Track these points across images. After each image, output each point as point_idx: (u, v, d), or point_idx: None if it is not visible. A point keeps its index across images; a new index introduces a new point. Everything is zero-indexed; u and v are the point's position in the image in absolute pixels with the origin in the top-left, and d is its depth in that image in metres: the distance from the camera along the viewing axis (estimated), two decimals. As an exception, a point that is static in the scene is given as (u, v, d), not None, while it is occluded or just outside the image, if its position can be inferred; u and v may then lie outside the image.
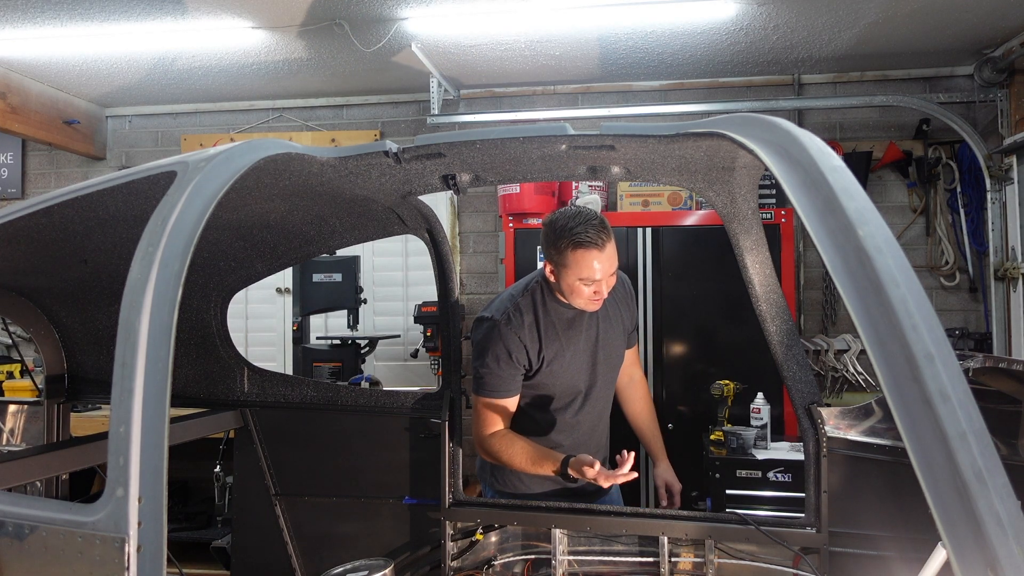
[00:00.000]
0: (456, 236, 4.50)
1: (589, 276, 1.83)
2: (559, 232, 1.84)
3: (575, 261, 1.82)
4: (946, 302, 4.08)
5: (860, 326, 0.80)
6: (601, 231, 1.82)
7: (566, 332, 2.00)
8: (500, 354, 1.92)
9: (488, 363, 1.93)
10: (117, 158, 4.85)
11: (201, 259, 2.09)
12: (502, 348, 1.92)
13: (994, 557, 0.66)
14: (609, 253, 1.84)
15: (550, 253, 1.89)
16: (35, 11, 3.18)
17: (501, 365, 1.93)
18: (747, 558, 1.83)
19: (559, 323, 1.99)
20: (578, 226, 1.81)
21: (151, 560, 0.90)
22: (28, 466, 1.85)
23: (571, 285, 1.87)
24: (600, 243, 1.81)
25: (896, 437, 1.71)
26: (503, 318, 1.94)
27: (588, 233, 1.80)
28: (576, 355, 2.02)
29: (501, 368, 1.93)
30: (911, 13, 3.27)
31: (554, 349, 1.98)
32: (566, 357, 2.00)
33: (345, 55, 3.78)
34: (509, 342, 1.92)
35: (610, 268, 1.86)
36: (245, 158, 1.19)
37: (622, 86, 4.36)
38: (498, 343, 1.92)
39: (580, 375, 2.04)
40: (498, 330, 1.93)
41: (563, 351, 1.99)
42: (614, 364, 2.15)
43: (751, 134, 1.12)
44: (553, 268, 1.91)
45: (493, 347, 1.93)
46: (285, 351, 4.52)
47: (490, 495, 2.18)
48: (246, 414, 2.33)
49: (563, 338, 1.99)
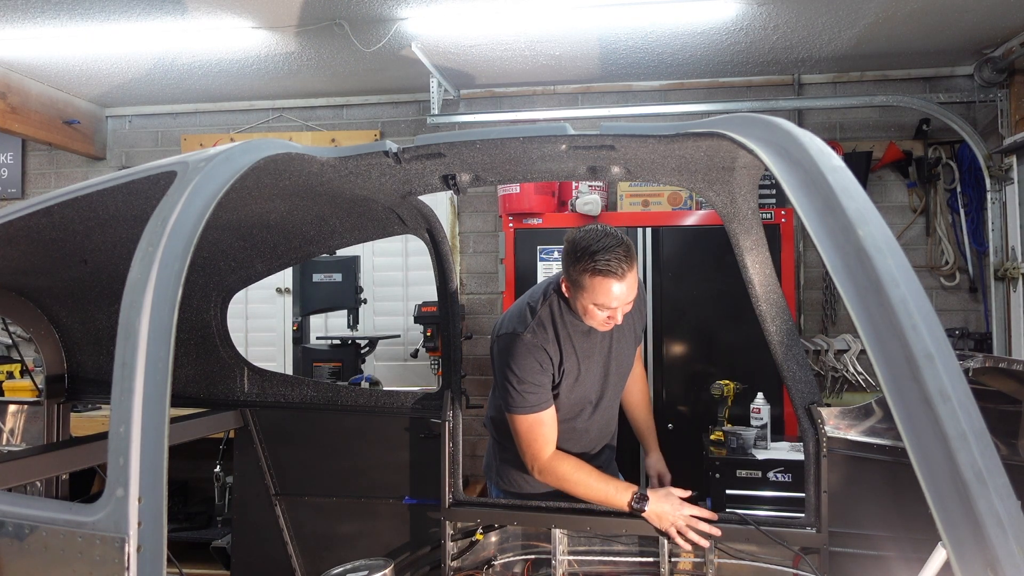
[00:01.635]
0: (456, 236, 4.50)
1: (605, 303, 1.78)
2: (581, 254, 1.77)
3: (593, 287, 1.77)
4: (946, 302, 4.08)
5: (860, 326, 0.80)
6: (624, 260, 1.74)
7: (581, 345, 1.96)
8: (534, 367, 1.88)
9: (522, 378, 1.87)
10: (117, 158, 4.85)
11: (201, 259, 2.09)
12: (534, 361, 1.88)
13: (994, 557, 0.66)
14: (630, 283, 1.78)
15: (569, 271, 1.83)
16: (35, 11, 3.18)
17: (536, 377, 1.88)
18: (747, 558, 1.83)
19: (575, 336, 1.95)
20: (601, 251, 1.73)
21: (151, 560, 0.90)
22: (28, 466, 1.85)
23: (585, 307, 1.83)
24: (621, 273, 1.74)
25: (896, 437, 1.71)
26: (529, 331, 1.90)
27: (611, 262, 1.73)
28: (589, 368, 2.00)
29: (536, 379, 1.88)
30: (911, 13, 3.27)
31: (571, 363, 1.96)
32: (580, 370, 1.98)
33: (345, 55, 3.78)
34: (539, 355, 1.89)
35: (628, 297, 1.80)
36: (245, 158, 1.19)
37: (622, 86, 4.36)
38: (529, 356, 1.88)
39: (592, 387, 2.03)
40: (527, 344, 1.89)
41: (577, 364, 1.97)
42: (624, 372, 2.14)
43: (751, 134, 1.12)
44: (569, 286, 1.86)
45: (526, 361, 1.87)
46: (285, 351, 4.52)
47: (496, 494, 2.18)
48: (246, 414, 2.33)
49: (578, 352, 1.96)
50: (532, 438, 1.90)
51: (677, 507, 1.82)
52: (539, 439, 1.89)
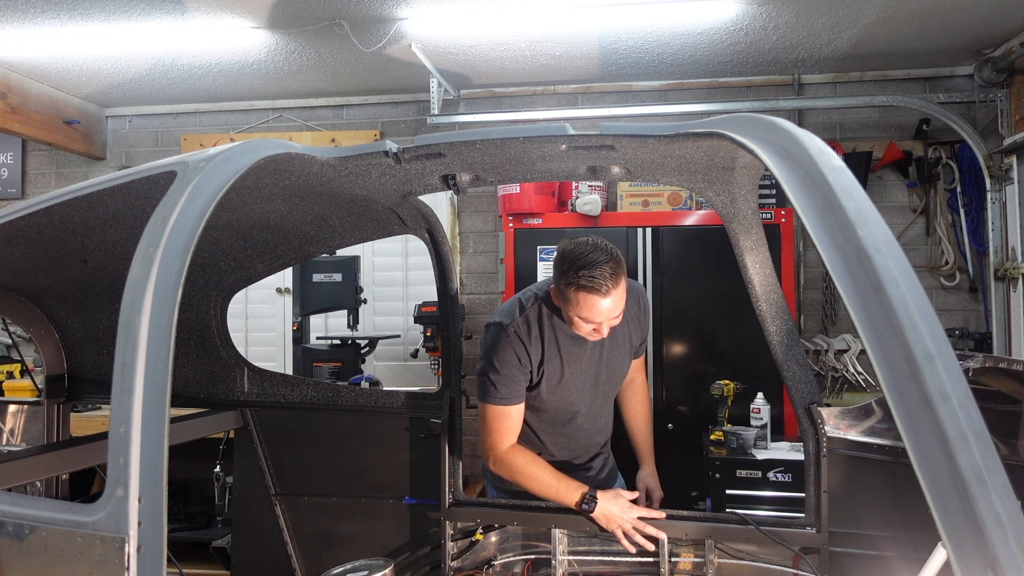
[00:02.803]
0: (456, 236, 4.50)
1: (589, 318, 1.77)
2: (567, 267, 1.75)
3: (577, 301, 1.76)
4: (946, 302, 4.08)
5: (860, 326, 0.80)
6: (610, 277, 1.72)
7: (569, 350, 1.94)
8: (510, 359, 1.88)
9: (499, 368, 1.88)
10: (117, 158, 4.85)
11: (201, 259, 2.09)
12: (513, 355, 1.88)
13: (994, 557, 0.66)
14: (615, 299, 1.76)
15: (557, 282, 1.81)
16: (35, 11, 3.18)
17: (512, 371, 1.89)
18: (747, 558, 1.83)
19: (562, 340, 1.93)
20: (587, 267, 1.72)
21: (151, 560, 0.89)
22: (28, 466, 1.85)
23: (571, 318, 1.82)
24: (605, 291, 1.72)
25: (896, 437, 1.71)
26: (512, 324, 1.91)
27: (595, 279, 1.71)
28: (575, 373, 1.97)
29: (512, 373, 1.89)
30: (911, 13, 3.27)
31: (553, 365, 1.94)
32: (564, 374, 1.95)
33: (345, 55, 3.78)
34: (517, 347, 1.89)
35: (613, 312, 1.78)
36: (245, 158, 1.19)
37: (622, 86, 4.36)
38: (507, 348, 1.88)
39: (579, 393, 2.01)
40: (506, 335, 1.89)
41: (561, 368, 1.95)
42: (616, 381, 2.11)
43: (751, 134, 1.12)
44: (557, 295, 1.85)
45: (503, 352, 1.88)
46: (285, 351, 4.52)
47: (493, 494, 2.17)
48: (246, 414, 2.33)
49: (563, 355, 1.94)
50: (495, 427, 1.91)
51: (625, 509, 1.83)
52: (501, 430, 1.91)
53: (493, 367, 1.89)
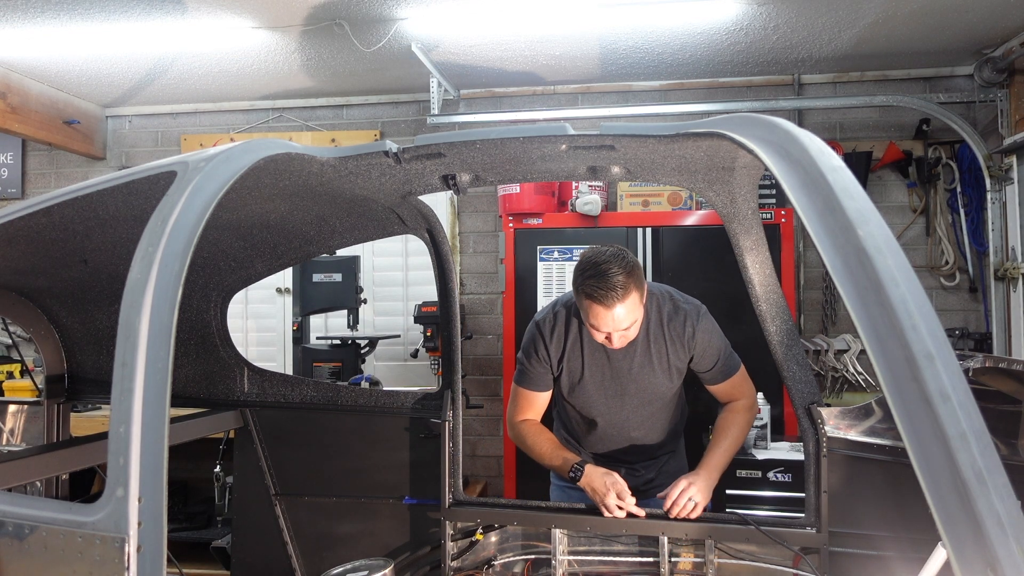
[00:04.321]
0: (456, 236, 4.49)
1: (596, 326, 1.85)
2: (579, 272, 1.85)
3: (585, 308, 1.86)
4: (946, 302, 4.08)
5: (860, 326, 0.80)
6: (616, 289, 1.75)
7: (592, 355, 2.04)
8: (531, 352, 2.07)
9: (523, 358, 2.11)
10: (117, 158, 4.85)
11: (201, 259, 2.09)
12: (533, 347, 2.07)
13: (994, 557, 0.66)
14: (624, 311, 1.79)
15: (574, 286, 1.89)
16: (35, 11, 3.18)
17: (532, 362, 2.08)
18: (747, 558, 1.83)
19: (587, 343, 2.03)
20: (595, 277, 1.77)
21: (151, 560, 0.89)
22: (28, 466, 1.85)
23: (586, 323, 1.91)
24: (610, 302, 1.76)
25: (896, 437, 1.71)
26: (542, 320, 2.09)
27: (599, 289, 1.77)
28: (594, 379, 2.05)
29: (531, 364, 2.08)
30: (911, 13, 3.27)
31: (574, 364, 2.05)
32: (584, 377, 2.05)
33: (345, 55, 3.78)
34: (538, 341, 2.06)
35: (621, 324, 1.82)
36: (245, 158, 1.19)
37: (622, 86, 4.36)
38: (532, 340, 2.08)
39: (599, 400, 2.07)
40: (535, 329, 2.08)
41: (582, 368, 2.05)
42: (652, 398, 2.07)
43: (751, 134, 1.12)
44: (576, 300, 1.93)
45: (528, 343, 2.09)
46: (285, 351, 4.52)
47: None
48: (246, 414, 2.33)
49: (586, 358, 2.04)
50: (514, 402, 2.16)
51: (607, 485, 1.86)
52: (518, 405, 2.14)
53: (523, 352, 2.12)
